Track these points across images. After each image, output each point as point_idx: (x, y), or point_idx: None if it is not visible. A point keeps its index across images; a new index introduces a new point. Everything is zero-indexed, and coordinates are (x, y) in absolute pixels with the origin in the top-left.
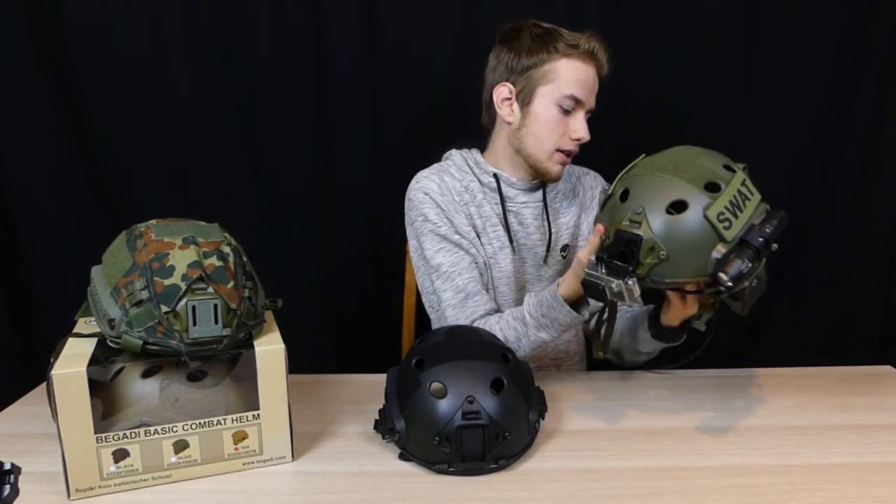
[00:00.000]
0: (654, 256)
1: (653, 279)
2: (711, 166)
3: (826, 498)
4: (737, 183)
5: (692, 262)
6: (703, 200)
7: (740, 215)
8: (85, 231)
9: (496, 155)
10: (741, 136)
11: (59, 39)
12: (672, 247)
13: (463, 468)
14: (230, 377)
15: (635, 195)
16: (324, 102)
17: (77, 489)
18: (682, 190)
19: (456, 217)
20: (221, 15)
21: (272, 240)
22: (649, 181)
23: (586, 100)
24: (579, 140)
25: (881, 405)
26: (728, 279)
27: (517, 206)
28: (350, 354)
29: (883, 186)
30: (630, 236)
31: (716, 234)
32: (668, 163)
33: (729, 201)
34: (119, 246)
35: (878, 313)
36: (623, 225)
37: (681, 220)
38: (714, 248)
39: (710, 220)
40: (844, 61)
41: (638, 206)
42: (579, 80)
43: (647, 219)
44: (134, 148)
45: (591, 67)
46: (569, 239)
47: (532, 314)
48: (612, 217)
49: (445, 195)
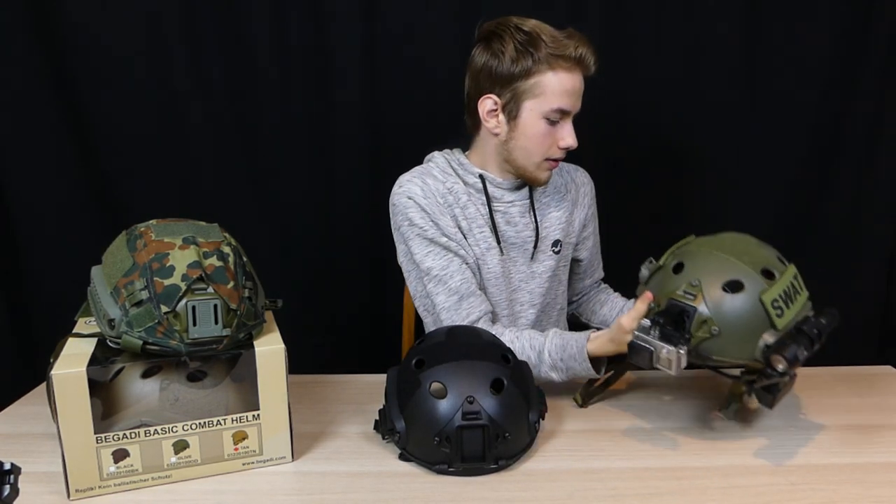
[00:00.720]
0: (706, 331)
1: (699, 353)
2: (768, 255)
3: (826, 498)
4: (790, 275)
5: (741, 344)
6: (759, 285)
7: (791, 306)
8: (85, 231)
9: (483, 157)
10: (741, 136)
11: (59, 39)
12: (724, 324)
13: (463, 468)
14: (230, 377)
15: (691, 268)
16: (324, 102)
17: (77, 489)
18: (739, 271)
19: (441, 219)
20: (221, 15)
21: (272, 240)
22: (706, 257)
23: (573, 108)
24: (567, 148)
25: (881, 405)
26: (784, 361)
27: (504, 205)
28: (350, 354)
29: (883, 186)
30: (684, 306)
31: (768, 319)
32: (726, 244)
33: (783, 290)
34: (119, 246)
35: (878, 313)
36: (677, 294)
37: (736, 300)
38: (764, 334)
39: (764, 305)
40: (844, 61)
41: (695, 279)
42: (566, 91)
43: (702, 292)
44: (134, 148)
45: (577, 75)
46: (560, 234)
47: (551, 354)
48: (662, 287)
49: (429, 198)
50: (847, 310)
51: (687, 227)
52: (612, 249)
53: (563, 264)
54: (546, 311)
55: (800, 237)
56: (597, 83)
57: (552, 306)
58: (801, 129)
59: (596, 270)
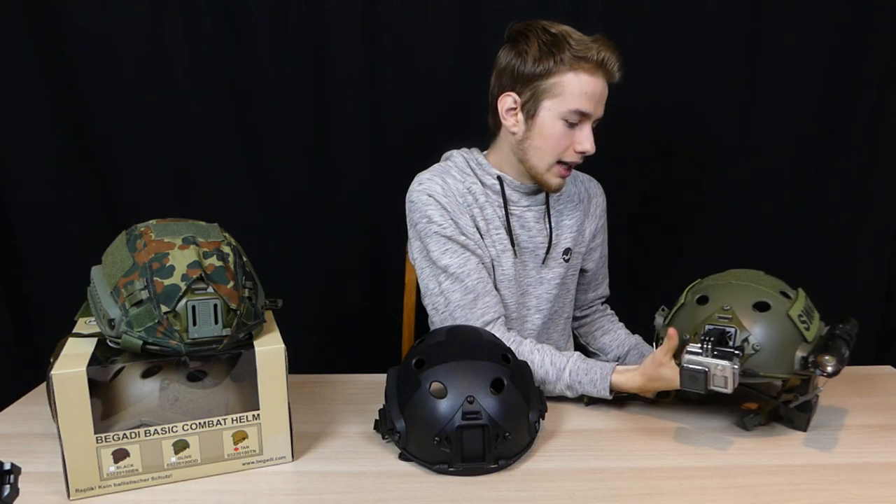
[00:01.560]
0: (749, 349)
1: (746, 371)
2: (778, 282)
3: (826, 498)
4: (803, 296)
5: (781, 358)
6: (783, 303)
7: (813, 321)
8: (85, 231)
9: (500, 158)
10: (741, 136)
11: (60, 40)
12: (762, 341)
13: (463, 468)
14: (230, 377)
15: (716, 298)
16: (323, 103)
17: (77, 489)
18: (762, 293)
19: (461, 218)
20: (222, 16)
21: (272, 240)
22: (728, 287)
23: (593, 112)
24: (584, 153)
25: (881, 405)
26: (834, 361)
27: (520, 209)
28: (350, 355)
29: (883, 186)
30: (724, 328)
31: (798, 333)
32: (740, 276)
33: (804, 307)
34: (119, 246)
35: (877, 313)
36: (713, 319)
37: (768, 317)
38: (797, 350)
39: (792, 320)
40: (844, 61)
41: (725, 304)
42: (586, 93)
43: (736, 314)
44: (134, 148)
45: (599, 79)
46: (571, 243)
47: (573, 373)
48: (692, 319)
49: (449, 196)
50: (847, 310)
51: (687, 227)
52: (612, 249)
53: (571, 273)
54: (553, 319)
55: (800, 237)
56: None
57: (559, 314)
58: (801, 129)
59: (600, 285)
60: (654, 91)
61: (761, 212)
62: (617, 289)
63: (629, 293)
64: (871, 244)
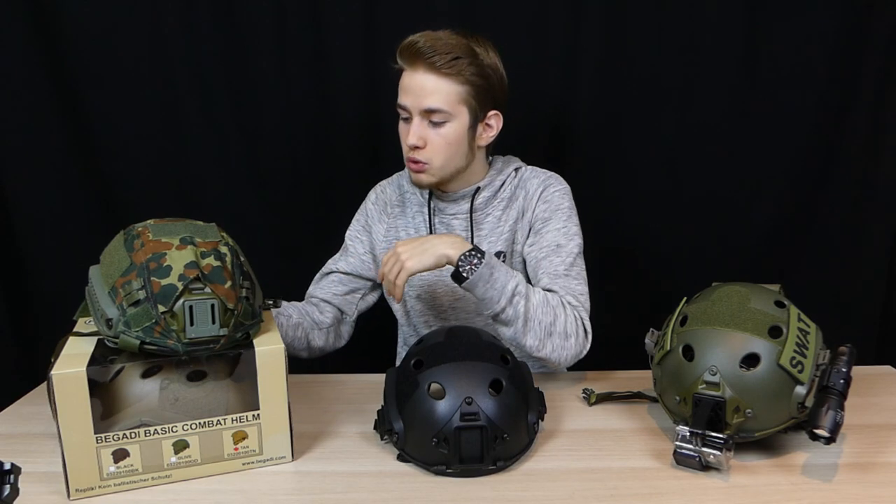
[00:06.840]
0: (741, 415)
1: (741, 435)
2: (765, 308)
3: (826, 498)
4: (795, 320)
5: (776, 412)
6: (772, 349)
7: (808, 354)
8: (85, 231)
9: None
10: (741, 136)
11: (60, 40)
12: (755, 402)
13: (461, 469)
14: (230, 377)
15: (702, 353)
16: (323, 103)
17: (77, 489)
18: (749, 342)
19: (375, 227)
20: (221, 16)
21: (272, 240)
22: (711, 336)
23: (412, 104)
24: (409, 146)
25: (881, 405)
26: (827, 432)
27: (447, 217)
28: (350, 354)
29: (883, 186)
30: (713, 400)
31: (792, 379)
32: (723, 312)
33: (795, 343)
34: (116, 246)
35: (877, 313)
36: (700, 389)
37: (757, 375)
38: (793, 392)
39: (784, 369)
40: (844, 61)
41: (712, 367)
42: (403, 87)
43: (723, 379)
44: (134, 148)
45: (413, 70)
46: (504, 245)
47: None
48: (679, 378)
49: (378, 204)
50: (847, 310)
51: (686, 227)
52: (609, 248)
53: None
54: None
55: (800, 237)
56: (596, 84)
57: None
58: (801, 129)
59: (541, 280)
60: (655, 91)
61: (761, 211)
62: (617, 290)
63: (629, 293)
64: (871, 244)
